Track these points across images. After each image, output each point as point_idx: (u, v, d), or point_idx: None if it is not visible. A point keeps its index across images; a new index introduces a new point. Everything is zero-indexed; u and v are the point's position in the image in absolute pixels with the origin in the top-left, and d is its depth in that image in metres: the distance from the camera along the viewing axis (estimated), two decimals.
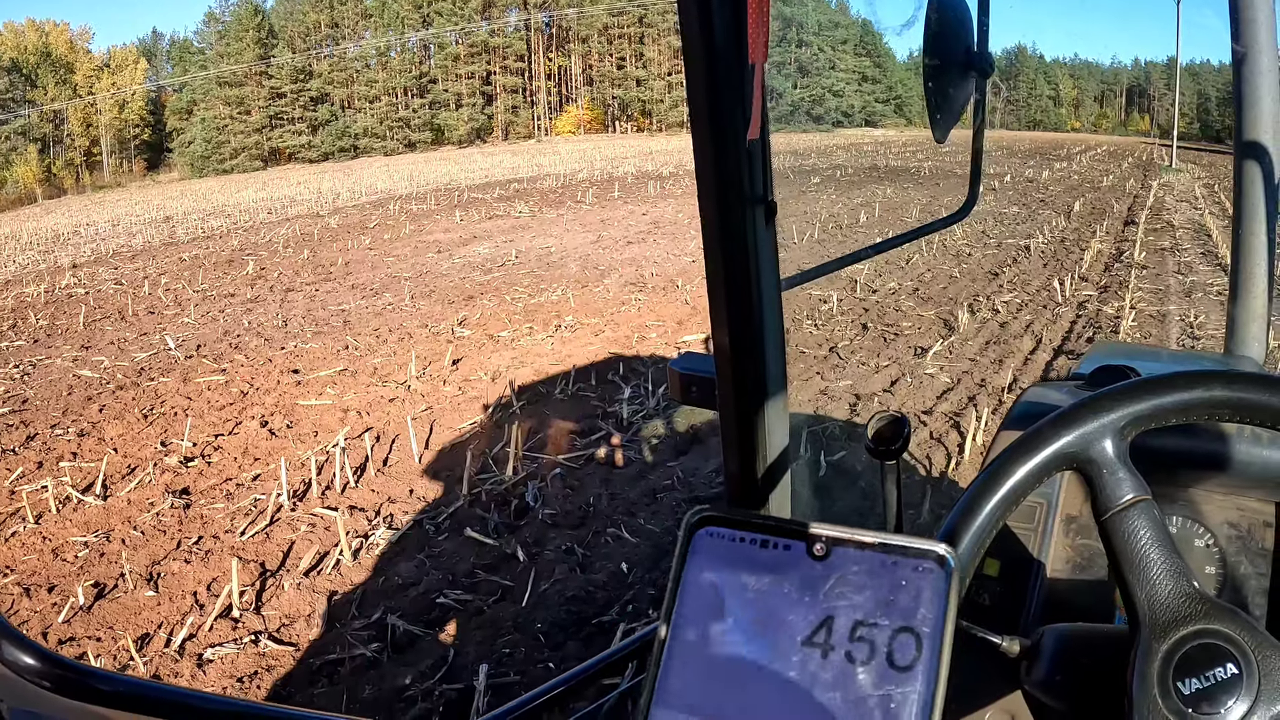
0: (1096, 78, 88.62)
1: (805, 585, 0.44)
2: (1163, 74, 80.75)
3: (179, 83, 63.93)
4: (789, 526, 0.46)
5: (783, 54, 61.89)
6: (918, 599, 0.43)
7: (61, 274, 15.60)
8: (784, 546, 0.45)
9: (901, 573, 0.44)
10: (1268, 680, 0.77)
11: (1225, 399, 0.87)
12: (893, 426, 1.19)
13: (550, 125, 69.99)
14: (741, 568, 0.45)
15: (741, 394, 1.37)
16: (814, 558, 0.45)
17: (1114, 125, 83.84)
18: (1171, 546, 0.85)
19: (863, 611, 0.44)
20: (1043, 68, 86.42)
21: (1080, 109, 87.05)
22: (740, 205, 1.27)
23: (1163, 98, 78.86)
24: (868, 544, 0.45)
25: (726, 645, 0.44)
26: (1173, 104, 40.73)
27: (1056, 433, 0.90)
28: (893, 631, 0.43)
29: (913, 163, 31.48)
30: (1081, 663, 0.93)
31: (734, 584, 0.45)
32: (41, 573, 4.65)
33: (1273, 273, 1.81)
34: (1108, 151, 42.89)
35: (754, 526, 0.46)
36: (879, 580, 0.44)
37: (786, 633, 0.44)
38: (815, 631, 0.44)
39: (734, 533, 0.46)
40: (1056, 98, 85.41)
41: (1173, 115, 37.94)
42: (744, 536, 0.46)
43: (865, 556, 0.44)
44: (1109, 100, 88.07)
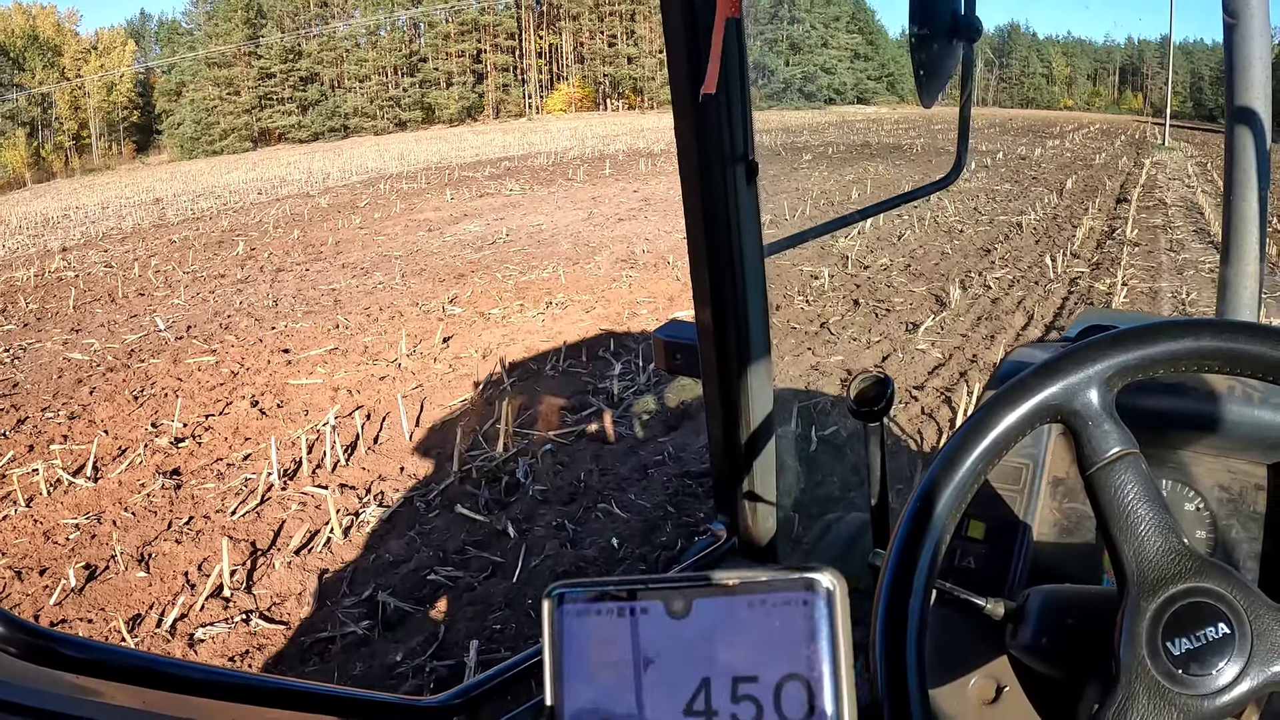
0: (1089, 55, 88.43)
1: (673, 649, 0.40)
2: (1156, 52, 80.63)
3: (167, 64, 63.51)
4: (641, 588, 0.42)
5: (775, 31, 61.68)
6: (797, 639, 0.39)
7: (51, 257, 15.50)
8: (641, 610, 0.41)
9: (772, 614, 0.39)
10: (1260, 640, 0.75)
11: (1215, 348, 0.83)
12: (876, 387, 1.17)
13: (541, 103, 69.72)
14: (606, 639, 0.41)
15: (724, 359, 1.36)
16: (674, 617, 0.40)
17: (1107, 103, 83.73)
18: (1160, 502, 0.83)
19: (739, 667, 0.39)
20: (1036, 45, 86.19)
21: (1073, 87, 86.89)
22: (721, 164, 1.24)
23: (1156, 76, 78.76)
24: (728, 587, 0.40)
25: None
26: (1166, 82, 40.54)
27: (1040, 383, 0.87)
28: (776, 683, 0.39)
29: (905, 139, 31.40)
30: (1068, 624, 0.91)
31: (603, 659, 0.41)
32: (33, 555, 4.63)
33: (1264, 237, 1.80)
34: (1101, 129, 42.81)
35: (608, 596, 0.42)
36: (750, 627, 0.39)
37: (666, 706, 0.40)
38: (694, 697, 0.40)
39: (592, 605, 0.42)
40: (1049, 75, 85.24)
41: (1166, 93, 37.77)
42: (601, 608, 0.42)
43: (728, 603, 0.40)
44: (1102, 78, 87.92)
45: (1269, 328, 0.83)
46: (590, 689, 0.41)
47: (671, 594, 0.41)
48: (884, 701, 0.82)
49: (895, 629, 0.84)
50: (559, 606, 0.42)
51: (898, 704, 0.82)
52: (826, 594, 0.39)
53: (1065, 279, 9.51)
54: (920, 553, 0.85)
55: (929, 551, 0.85)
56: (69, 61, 59.02)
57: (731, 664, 0.39)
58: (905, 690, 0.82)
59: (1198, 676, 0.75)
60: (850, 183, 18.49)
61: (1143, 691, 0.75)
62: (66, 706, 0.90)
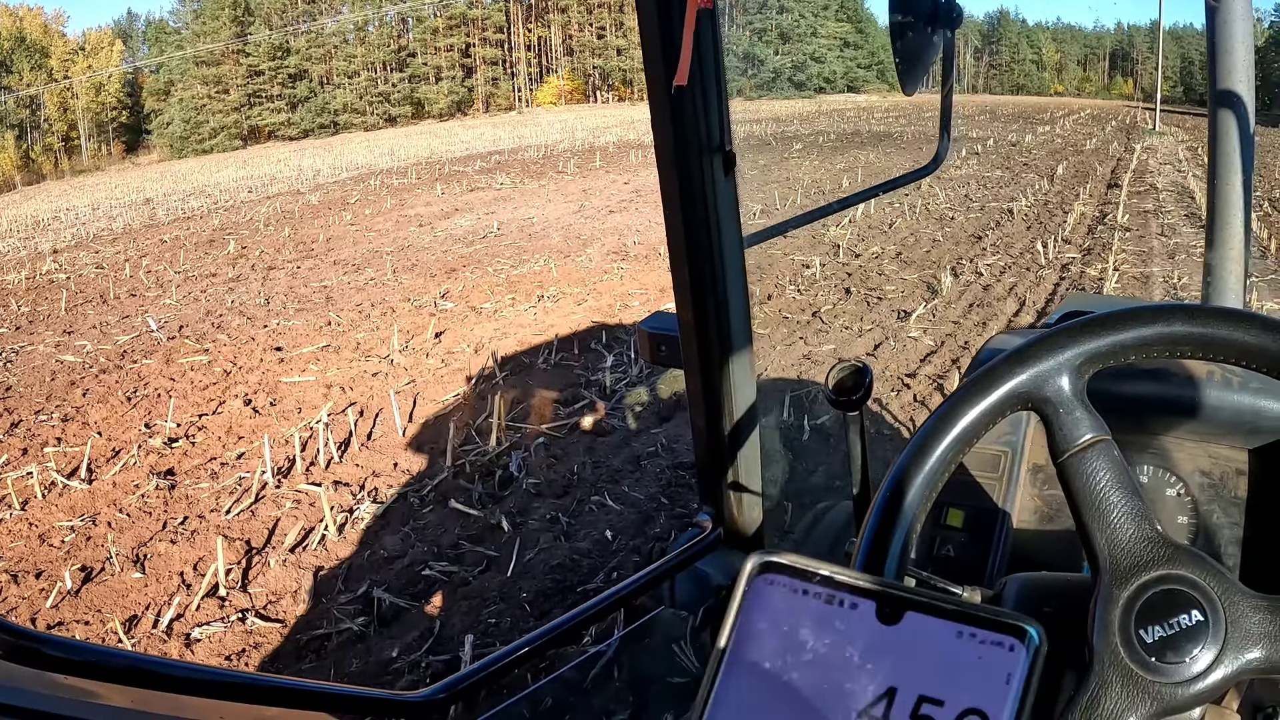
0: (1079, 41, 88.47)
1: (870, 650, 0.41)
2: (1146, 37, 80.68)
3: (155, 63, 63.25)
4: (859, 584, 0.42)
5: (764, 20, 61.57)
6: (991, 679, 0.40)
7: (42, 260, 15.45)
8: (851, 605, 0.42)
9: (978, 648, 0.40)
10: (1234, 627, 0.74)
11: (1186, 334, 0.83)
12: (854, 376, 1.17)
13: (531, 96, 69.57)
14: (804, 622, 0.42)
15: (706, 351, 1.36)
16: (883, 621, 0.41)
17: (1097, 89, 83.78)
18: (1133, 488, 0.82)
19: (929, 687, 0.40)
20: (1025, 32, 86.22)
21: (1063, 73, 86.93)
22: (698, 155, 1.25)
23: (1145, 61, 78.82)
24: (945, 611, 0.41)
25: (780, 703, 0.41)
26: (1156, 67, 40.57)
27: (1011, 371, 0.86)
28: (959, 713, 0.39)
29: (895, 128, 31.39)
30: (1044, 612, 0.89)
31: (793, 639, 0.42)
32: (29, 559, 4.62)
33: (1249, 221, 1.80)
34: (1091, 115, 42.83)
35: (821, 580, 0.42)
36: (952, 654, 0.40)
37: (844, 699, 0.40)
38: (875, 703, 0.40)
39: (797, 583, 0.43)
40: (1039, 62, 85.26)
41: (1156, 79, 37.80)
42: (808, 589, 0.42)
43: (940, 625, 0.41)
44: (1092, 64, 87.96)
45: (1241, 312, 0.83)
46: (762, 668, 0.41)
47: (886, 598, 0.41)
48: None
49: None
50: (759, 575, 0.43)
51: None
52: (1033, 648, 0.40)
53: (1057, 265, 9.53)
54: (891, 542, 0.85)
55: (899, 541, 0.85)
56: (57, 62, 58.76)
57: (924, 682, 0.40)
58: None
59: (1171, 664, 0.74)
60: (841, 171, 18.49)
61: (1115, 679, 0.75)
62: (54, 707, 0.90)
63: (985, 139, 26.04)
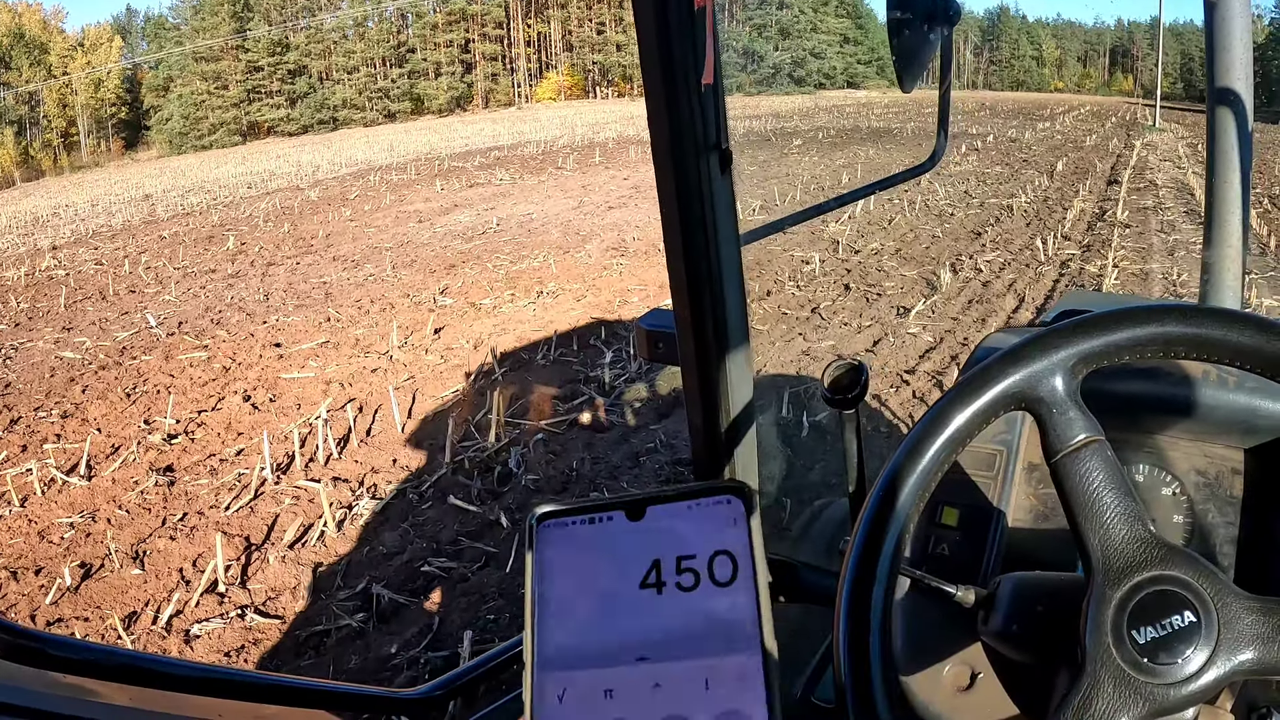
0: (1079, 38, 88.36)
1: (631, 543, 0.50)
2: (1146, 34, 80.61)
3: (155, 59, 63.21)
4: (609, 502, 0.52)
5: (764, 16, 61.51)
6: (725, 528, 0.49)
7: (41, 256, 15.44)
8: (607, 519, 0.51)
9: (707, 511, 0.50)
10: (1227, 629, 0.74)
11: (1180, 335, 0.82)
12: (850, 374, 1.17)
13: (530, 92, 69.52)
14: (579, 545, 0.51)
15: (703, 348, 1.36)
16: (632, 520, 0.51)
17: (1097, 85, 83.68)
18: (1127, 489, 0.82)
19: (682, 549, 0.50)
20: (1025, 28, 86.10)
21: (1063, 69, 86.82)
22: (694, 153, 1.25)
23: (1146, 58, 78.71)
24: (675, 495, 0.51)
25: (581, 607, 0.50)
26: (1156, 64, 40.53)
27: (1004, 371, 0.86)
28: (709, 556, 0.49)
29: (895, 124, 31.34)
30: (1038, 611, 0.91)
31: (576, 558, 0.51)
32: (28, 555, 4.63)
33: (1247, 220, 1.80)
34: (1091, 111, 42.76)
35: (581, 510, 0.52)
36: (690, 523, 0.50)
37: (625, 583, 0.50)
38: (648, 574, 0.49)
39: (567, 520, 0.52)
40: (1039, 58, 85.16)
41: (1156, 75, 37.76)
42: (575, 520, 0.52)
43: (675, 507, 0.50)
44: (1092, 60, 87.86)
45: (1235, 313, 0.82)
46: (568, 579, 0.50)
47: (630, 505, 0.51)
48: (846, 689, 0.83)
49: (858, 619, 0.84)
50: (538, 525, 0.52)
51: (860, 692, 0.82)
52: (745, 496, 0.49)
53: (1056, 261, 9.53)
54: (884, 541, 0.85)
55: (892, 540, 0.85)
56: (56, 59, 58.70)
57: (677, 547, 0.50)
58: (868, 679, 0.82)
59: (1163, 665, 0.75)
60: (840, 167, 18.47)
61: (1107, 680, 0.75)
62: (53, 705, 0.91)
63: (985, 135, 26.02)
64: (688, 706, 0.46)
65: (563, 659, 0.49)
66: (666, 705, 0.46)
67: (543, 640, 0.49)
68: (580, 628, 0.49)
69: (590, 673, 0.48)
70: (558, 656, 0.49)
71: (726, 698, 0.46)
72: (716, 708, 0.46)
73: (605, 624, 0.49)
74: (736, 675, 0.46)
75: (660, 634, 0.48)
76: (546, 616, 0.50)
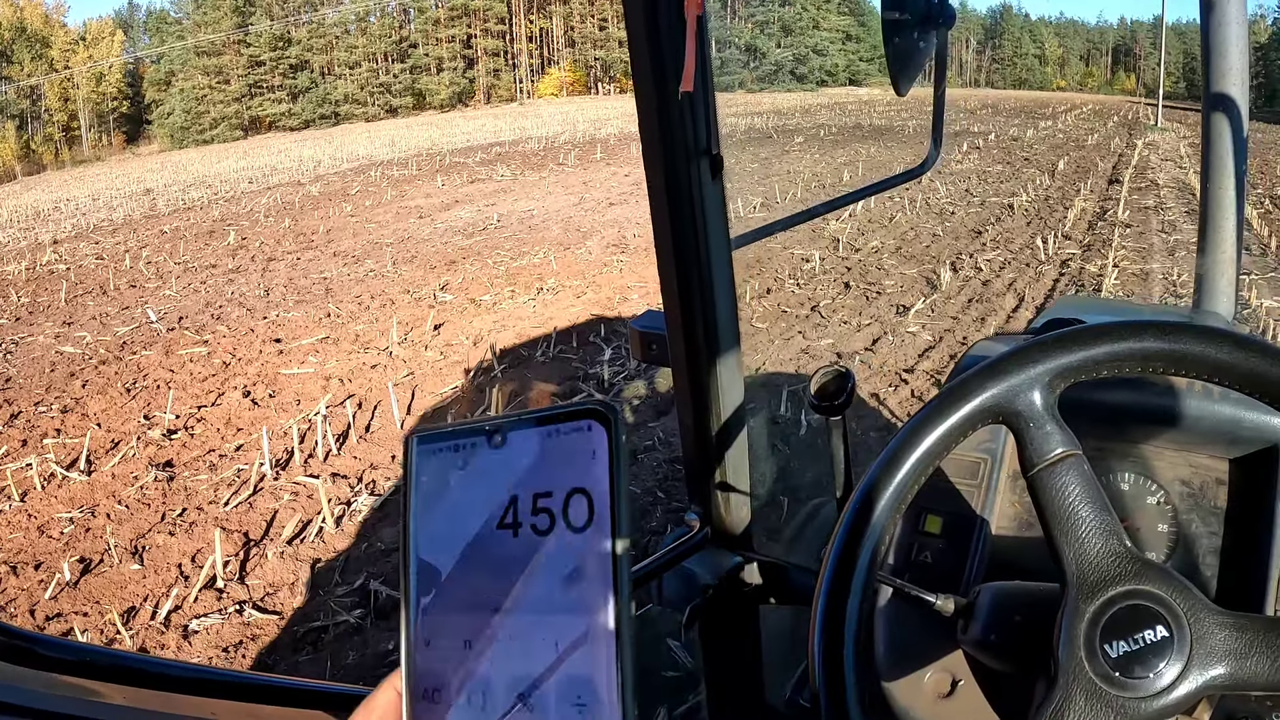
0: (1082, 36, 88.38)
1: (493, 474, 0.47)
2: (1149, 33, 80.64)
3: (156, 54, 63.26)
4: (472, 426, 0.49)
5: (766, 13, 61.46)
6: (583, 461, 0.45)
7: (42, 250, 15.45)
8: (471, 444, 0.48)
9: (567, 439, 0.45)
10: (1200, 643, 0.75)
11: (1158, 350, 0.83)
12: (837, 381, 1.18)
13: (532, 88, 69.51)
14: (448, 473, 0.49)
15: (693, 351, 1.37)
16: (494, 448, 0.48)
17: (1099, 84, 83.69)
18: (1103, 503, 0.83)
19: (539, 484, 0.46)
20: (1028, 26, 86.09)
21: (1066, 68, 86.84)
22: (685, 159, 1.25)
23: (1148, 57, 78.72)
24: (535, 419, 0.47)
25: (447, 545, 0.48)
26: (1158, 63, 40.48)
27: (983, 385, 0.87)
28: (565, 495, 0.45)
29: (897, 121, 31.30)
30: (1015, 621, 0.91)
31: (444, 488, 0.49)
32: (28, 550, 4.64)
33: (1241, 226, 1.80)
34: (1093, 110, 42.72)
35: (450, 435, 0.49)
36: (548, 453, 0.46)
37: (485, 522, 0.47)
38: (505, 513, 0.46)
39: (439, 444, 0.49)
40: (1042, 56, 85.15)
41: (1158, 74, 37.69)
42: (443, 445, 0.49)
43: (535, 433, 0.46)
44: (1095, 59, 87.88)
45: (1212, 329, 0.83)
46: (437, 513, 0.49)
47: (491, 431, 0.48)
48: (821, 698, 0.83)
49: (833, 629, 0.85)
50: (416, 447, 0.50)
51: (834, 701, 0.83)
52: (605, 421, 0.45)
53: (1056, 261, 9.53)
54: (859, 553, 0.86)
55: (867, 552, 0.86)
56: (57, 53, 58.74)
57: (533, 483, 0.46)
58: (842, 689, 0.83)
59: (1136, 679, 0.76)
60: (842, 165, 18.47)
61: (1079, 693, 0.76)
62: (48, 704, 0.91)
63: (986, 133, 26.00)
64: (539, 665, 0.44)
65: (433, 601, 0.48)
66: (518, 663, 0.44)
67: (417, 579, 0.48)
68: (449, 568, 0.47)
69: (454, 619, 0.47)
70: (427, 599, 0.48)
71: (576, 661, 0.43)
72: (565, 671, 0.43)
73: (467, 567, 0.47)
74: (586, 637, 0.43)
75: (514, 583, 0.45)
76: (420, 553, 0.48)
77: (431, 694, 0.47)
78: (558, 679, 0.43)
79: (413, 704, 0.48)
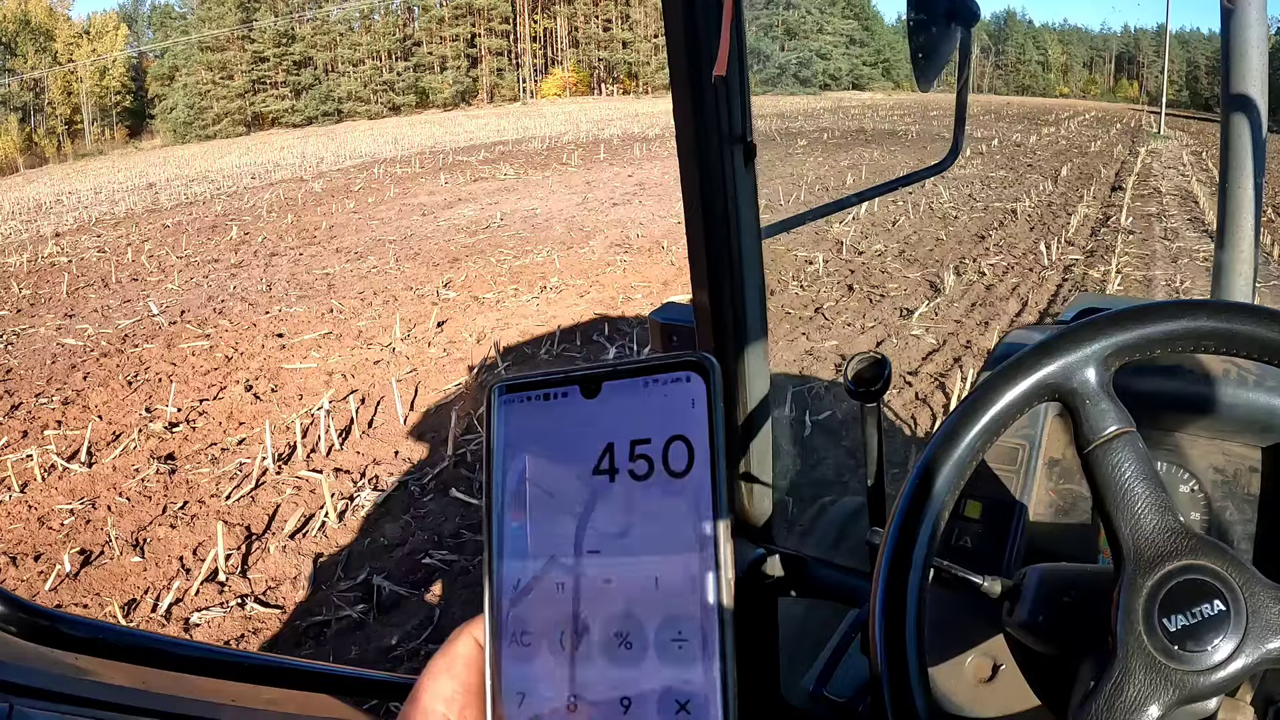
0: (1086, 43, 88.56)
1: (586, 422, 0.48)
2: (1152, 41, 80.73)
3: (160, 48, 63.30)
4: (566, 376, 0.49)
5: (770, 16, 61.52)
6: (683, 410, 0.46)
7: (44, 243, 15.43)
8: (563, 394, 0.49)
9: (665, 389, 0.47)
10: (1255, 618, 0.75)
11: (1211, 329, 0.84)
12: (873, 368, 1.18)
13: (536, 88, 69.59)
14: (535, 421, 0.49)
15: (721, 341, 1.36)
16: (588, 397, 0.48)
17: (1103, 91, 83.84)
18: (1157, 480, 0.83)
19: (637, 432, 0.47)
20: (1032, 33, 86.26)
21: (1069, 74, 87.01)
22: (719, 145, 1.25)
23: (1152, 64, 78.81)
24: (631, 370, 0.48)
25: (537, 493, 0.48)
26: (1162, 71, 40.49)
27: (1039, 362, 0.87)
28: (664, 442, 0.46)
29: (900, 126, 31.35)
30: (1064, 602, 0.91)
31: (533, 438, 0.49)
32: (28, 541, 4.63)
33: (1259, 222, 1.81)
34: (1096, 117, 42.79)
35: (538, 385, 0.50)
36: (646, 402, 0.47)
37: (580, 468, 0.48)
38: (600, 459, 0.47)
39: (524, 394, 0.50)
40: (1045, 63, 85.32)
41: (1162, 82, 37.71)
42: (531, 395, 0.50)
43: (630, 384, 0.48)
44: (1098, 66, 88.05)
45: (1263, 309, 0.83)
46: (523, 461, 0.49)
47: (586, 379, 0.48)
48: (882, 675, 0.83)
49: (895, 604, 0.85)
50: (498, 397, 0.51)
51: (896, 678, 0.83)
52: (705, 373, 0.46)
53: (1059, 266, 9.53)
54: (919, 529, 0.86)
55: (928, 528, 0.86)
56: (61, 46, 58.77)
57: (631, 430, 0.47)
58: (904, 665, 0.83)
59: (1193, 652, 0.75)
60: (845, 168, 18.47)
61: (1139, 666, 0.76)
62: (68, 686, 0.90)
63: (990, 139, 26.02)
64: (637, 605, 0.45)
65: (520, 547, 0.48)
66: (617, 602, 0.45)
67: (501, 526, 0.49)
68: (537, 515, 0.48)
69: (546, 562, 0.47)
70: (515, 544, 0.48)
71: (676, 600, 0.44)
72: (665, 610, 0.44)
73: (560, 512, 0.48)
74: (686, 575, 0.44)
75: (613, 526, 0.46)
76: (505, 501, 0.49)
77: (520, 637, 0.48)
78: (657, 617, 0.45)
79: (499, 648, 0.48)
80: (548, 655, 0.47)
